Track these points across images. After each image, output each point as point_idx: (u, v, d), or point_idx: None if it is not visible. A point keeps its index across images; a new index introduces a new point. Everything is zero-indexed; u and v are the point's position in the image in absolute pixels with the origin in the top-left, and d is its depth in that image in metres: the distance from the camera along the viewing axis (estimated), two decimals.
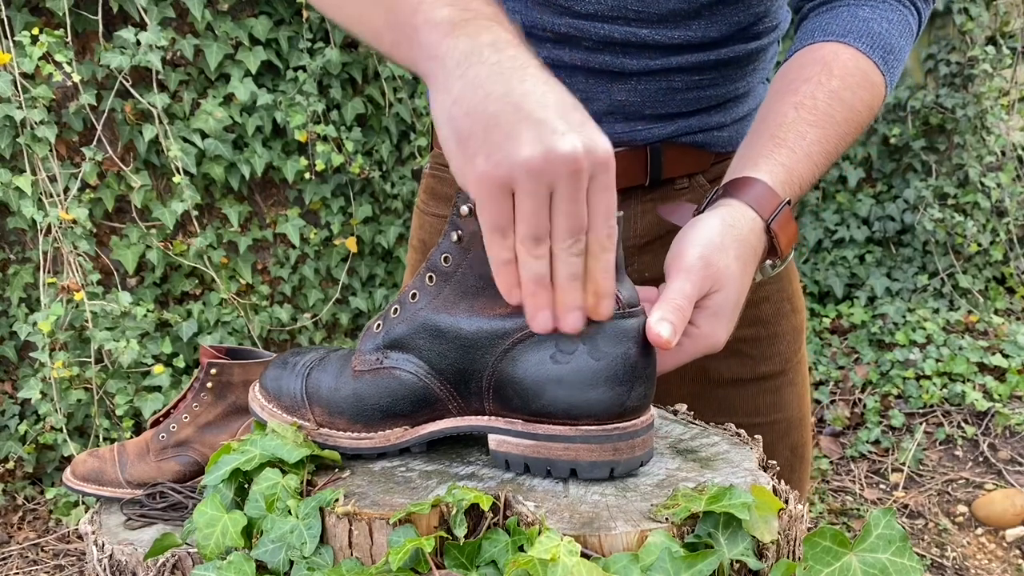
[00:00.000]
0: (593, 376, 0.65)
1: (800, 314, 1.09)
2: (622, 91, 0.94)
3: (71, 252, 2.54)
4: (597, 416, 0.66)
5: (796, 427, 1.08)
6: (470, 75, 0.61)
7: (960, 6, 3.43)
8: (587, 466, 0.67)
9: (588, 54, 0.93)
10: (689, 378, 1.02)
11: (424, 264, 0.71)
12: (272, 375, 0.77)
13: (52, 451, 2.71)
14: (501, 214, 0.60)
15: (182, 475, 0.94)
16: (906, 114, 3.58)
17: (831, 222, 3.67)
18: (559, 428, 0.67)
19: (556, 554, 0.57)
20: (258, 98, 2.81)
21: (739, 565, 0.62)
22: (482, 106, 0.59)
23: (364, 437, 0.72)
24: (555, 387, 0.66)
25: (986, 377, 3.13)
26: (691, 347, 0.77)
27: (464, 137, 0.60)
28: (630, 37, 0.91)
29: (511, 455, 0.69)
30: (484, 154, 0.59)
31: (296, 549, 0.65)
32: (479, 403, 0.70)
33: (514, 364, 0.67)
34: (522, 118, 0.58)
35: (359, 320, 3.21)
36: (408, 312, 0.71)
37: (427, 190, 1.11)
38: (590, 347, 0.65)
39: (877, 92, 0.91)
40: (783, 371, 1.07)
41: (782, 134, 0.85)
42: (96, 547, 0.85)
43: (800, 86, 0.88)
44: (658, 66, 0.93)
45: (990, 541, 2.57)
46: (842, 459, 2.99)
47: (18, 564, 2.51)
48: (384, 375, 0.71)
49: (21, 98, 2.44)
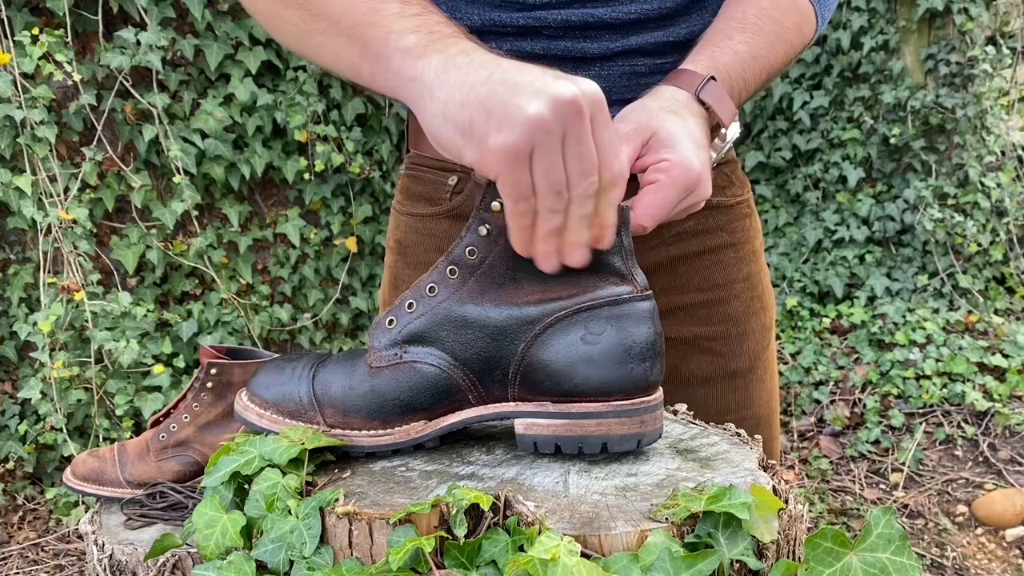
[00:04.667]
0: (623, 354, 0.70)
1: (769, 312, 1.12)
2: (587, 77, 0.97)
3: (71, 252, 2.54)
4: (627, 391, 0.71)
5: (765, 423, 1.11)
6: (451, 79, 0.66)
7: (960, 6, 3.44)
8: (617, 439, 0.71)
9: (550, 42, 0.96)
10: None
11: (443, 259, 0.73)
12: (264, 382, 0.76)
13: (52, 451, 2.71)
14: (522, 182, 0.63)
15: (182, 475, 0.94)
16: (906, 114, 3.58)
17: (831, 222, 3.67)
18: (592, 405, 0.71)
19: (556, 554, 0.57)
20: (258, 98, 2.81)
21: (739, 565, 0.62)
22: (472, 94, 0.64)
23: (383, 434, 0.73)
24: (588, 367, 0.70)
25: (986, 377, 3.13)
26: (669, 177, 0.77)
27: (467, 127, 0.64)
28: (587, 18, 0.95)
29: (540, 437, 0.72)
30: (494, 130, 0.62)
31: (296, 549, 0.65)
32: (502, 391, 0.72)
33: (545, 348, 0.70)
34: (512, 87, 0.63)
35: (359, 320, 3.21)
36: (427, 306, 0.72)
37: (403, 190, 1.12)
38: (617, 328, 0.70)
39: (806, 16, 0.96)
40: (752, 368, 1.09)
41: (709, 37, 0.92)
42: (96, 547, 0.85)
43: (732, 7, 0.95)
44: (619, 48, 0.97)
45: (990, 541, 2.57)
46: (842, 459, 2.99)
47: (18, 564, 2.51)
48: (404, 370, 0.72)
49: (21, 98, 2.44)
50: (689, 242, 1.06)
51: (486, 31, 0.96)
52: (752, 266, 1.10)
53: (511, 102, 0.62)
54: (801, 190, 3.79)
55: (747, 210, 1.11)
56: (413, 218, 1.09)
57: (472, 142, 0.64)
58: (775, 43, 0.93)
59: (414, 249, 1.08)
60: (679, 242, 1.05)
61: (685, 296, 1.06)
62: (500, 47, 0.94)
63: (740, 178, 1.10)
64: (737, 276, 1.08)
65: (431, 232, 1.06)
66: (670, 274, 1.06)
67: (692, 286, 1.07)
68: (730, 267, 1.08)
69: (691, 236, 1.06)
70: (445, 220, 1.05)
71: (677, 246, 1.05)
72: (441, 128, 0.67)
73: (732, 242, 1.08)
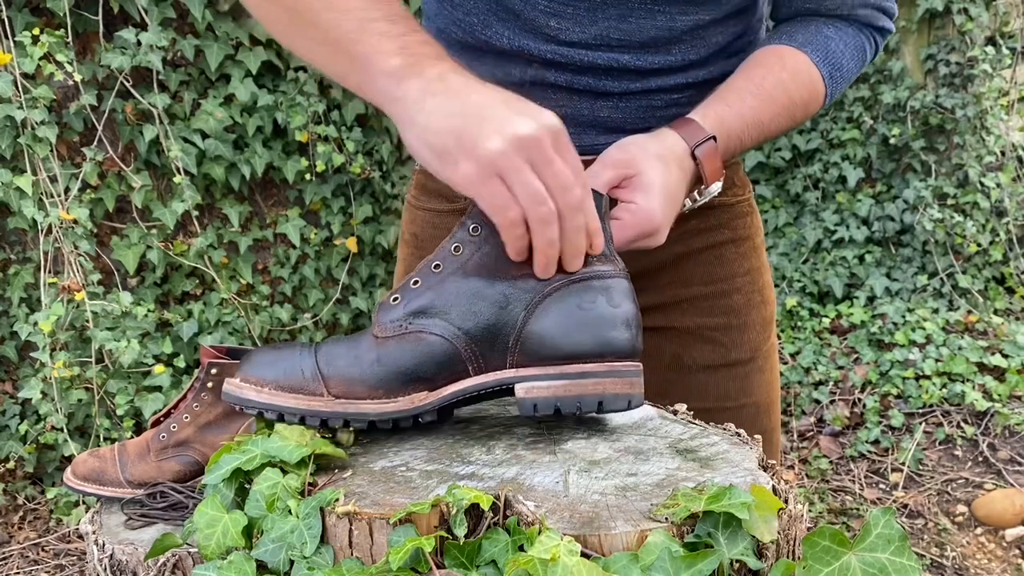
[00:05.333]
0: (614, 319, 0.77)
1: (770, 305, 1.16)
2: (604, 108, 1.02)
3: (72, 252, 2.54)
4: (619, 353, 0.77)
5: (765, 412, 1.14)
6: (428, 106, 0.73)
7: (960, 6, 3.43)
8: (612, 398, 0.77)
9: (572, 76, 1.00)
10: (664, 366, 1.10)
11: (448, 239, 0.78)
12: (259, 362, 0.77)
13: (53, 451, 2.71)
14: (498, 194, 0.71)
15: (182, 475, 0.94)
16: (906, 114, 3.58)
17: (831, 222, 3.67)
18: (589, 366, 0.76)
19: (556, 554, 0.57)
20: (259, 98, 2.81)
21: (739, 565, 0.62)
22: (447, 123, 0.72)
23: (388, 402, 0.75)
24: (584, 329, 0.76)
25: (986, 377, 3.13)
26: (631, 220, 0.87)
27: (440, 153, 0.73)
28: (612, 63, 0.98)
29: (540, 399, 0.76)
30: (463, 158, 0.71)
31: (296, 549, 0.65)
32: (501, 359, 0.76)
33: (545, 315, 0.76)
34: (481, 121, 0.71)
35: (359, 320, 3.21)
36: (433, 280, 0.76)
37: (418, 185, 1.16)
38: (607, 298, 0.77)
39: (816, 97, 1.03)
40: (752, 358, 1.13)
41: (724, 94, 0.98)
42: (97, 547, 0.85)
43: (754, 69, 1.00)
44: (638, 88, 1.01)
45: (990, 541, 2.57)
46: (842, 459, 2.99)
47: (19, 564, 2.51)
48: (410, 339, 0.75)
49: (22, 98, 2.44)
50: (693, 239, 1.09)
51: (514, 54, 0.99)
52: (753, 261, 1.14)
53: (478, 136, 0.70)
54: (801, 190, 3.79)
55: (748, 208, 1.15)
56: (430, 213, 1.13)
57: (446, 165, 0.73)
58: (780, 115, 1.00)
59: (430, 243, 1.12)
60: (684, 239, 1.08)
61: (689, 289, 1.11)
62: (525, 73, 0.99)
63: (742, 179, 1.14)
64: (739, 270, 1.12)
65: (448, 227, 1.10)
66: (675, 269, 1.10)
67: (696, 280, 1.11)
68: (732, 262, 1.12)
69: (695, 233, 1.09)
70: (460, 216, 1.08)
71: (682, 243, 1.08)
72: (420, 149, 0.75)
73: (734, 238, 1.12)
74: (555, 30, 0.97)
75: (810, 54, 1.01)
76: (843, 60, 1.03)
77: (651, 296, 1.07)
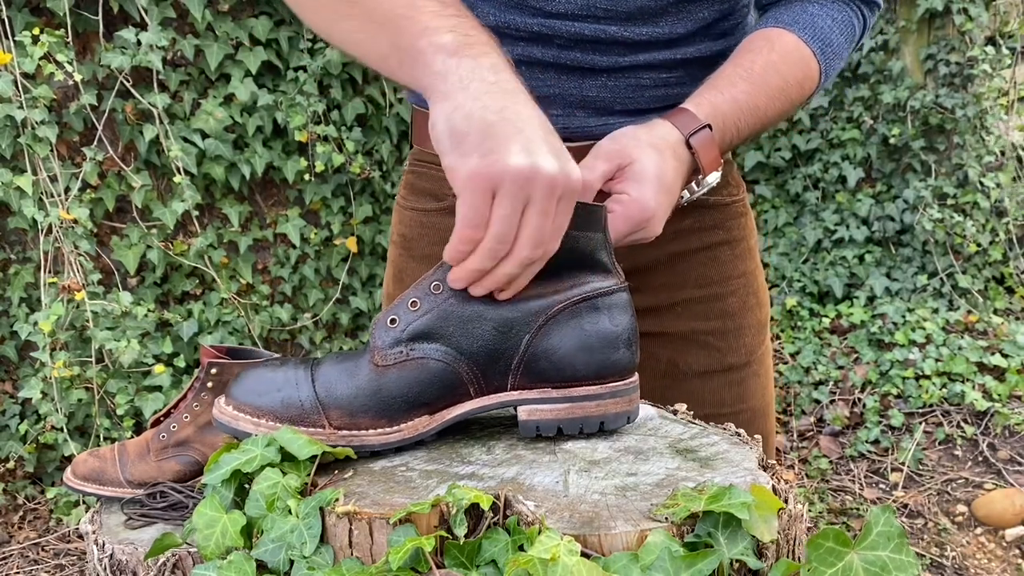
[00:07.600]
0: (616, 340, 0.77)
1: (764, 308, 1.15)
2: (593, 87, 1.00)
3: (72, 252, 2.54)
4: (619, 373, 0.78)
5: (760, 417, 1.14)
6: (472, 88, 0.70)
7: (960, 6, 3.43)
8: (612, 417, 0.78)
9: (559, 51, 0.98)
10: (660, 372, 1.09)
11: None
12: (253, 390, 0.75)
13: (53, 451, 2.71)
14: (479, 213, 0.68)
15: (182, 475, 0.94)
16: (906, 114, 3.58)
17: (831, 222, 3.67)
18: (591, 388, 0.77)
19: (556, 554, 0.57)
20: (258, 98, 2.81)
21: (739, 565, 0.62)
22: (480, 114, 0.69)
23: (391, 431, 0.74)
24: (587, 353, 0.76)
25: (985, 377, 3.13)
26: (623, 211, 0.85)
27: (460, 137, 0.69)
28: (599, 34, 0.97)
29: (543, 421, 0.77)
30: (478, 154, 0.68)
31: (296, 549, 0.65)
32: (502, 381, 0.76)
33: (549, 337, 0.76)
34: (514, 132, 0.68)
35: (359, 320, 3.21)
36: (432, 303, 0.75)
37: (407, 186, 1.14)
38: (608, 316, 0.77)
39: (811, 75, 1.01)
40: (748, 363, 1.12)
41: (715, 82, 0.96)
42: (97, 547, 0.85)
43: (743, 56, 0.99)
44: (627, 63, 0.99)
45: (989, 541, 2.57)
46: (842, 459, 2.99)
47: (19, 564, 2.51)
48: (411, 366, 0.74)
49: (22, 98, 2.44)
50: (687, 239, 1.08)
51: (499, 32, 0.97)
52: (748, 263, 1.13)
53: (503, 143, 0.67)
54: (801, 190, 3.79)
55: (743, 209, 1.14)
56: (418, 213, 1.12)
57: (456, 152, 0.69)
58: (776, 97, 0.98)
59: (419, 243, 1.11)
60: (677, 239, 1.07)
61: (683, 292, 1.10)
62: (511, 51, 0.96)
63: (736, 179, 1.13)
64: (733, 272, 1.11)
65: (435, 226, 1.09)
66: (669, 270, 1.09)
67: (690, 282, 1.10)
68: (726, 264, 1.11)
69: (689, 233, 1.08)
70: (449, 215, 1.06)
71: (676, 243, 1.07)
72: (441, 125, 0.71)
73: (728, 239, 1.11)
74: (540, 1, 0.95)
75: (797, 32, 1.00)
76: (832, 35, 1.02)
77: (645, 298, 1.06)
